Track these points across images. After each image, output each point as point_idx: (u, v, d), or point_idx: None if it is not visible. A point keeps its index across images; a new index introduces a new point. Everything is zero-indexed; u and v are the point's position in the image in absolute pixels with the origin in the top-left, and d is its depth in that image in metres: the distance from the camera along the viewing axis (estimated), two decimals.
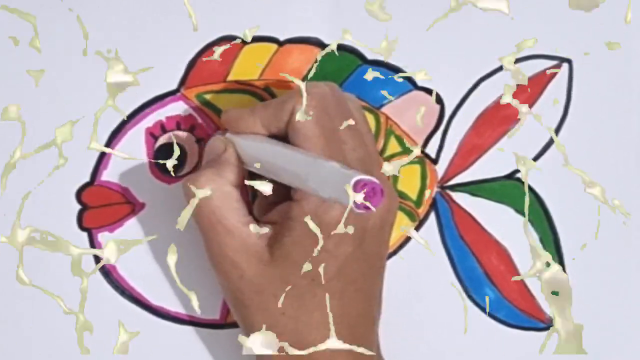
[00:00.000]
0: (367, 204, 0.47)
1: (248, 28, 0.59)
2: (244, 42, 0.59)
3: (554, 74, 0.61)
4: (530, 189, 0.61)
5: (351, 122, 0.54)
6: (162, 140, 0.58)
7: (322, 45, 0.59)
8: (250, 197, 0.59)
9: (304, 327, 0.52)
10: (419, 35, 0.60)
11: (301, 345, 0.52)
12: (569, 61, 0.61)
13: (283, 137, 0.54)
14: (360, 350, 0.53)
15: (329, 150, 0.53)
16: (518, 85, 0.60)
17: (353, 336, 0.53)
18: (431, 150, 0.60)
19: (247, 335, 0.54)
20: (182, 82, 0.59)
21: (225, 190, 0.54)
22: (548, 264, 0.61)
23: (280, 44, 0.59)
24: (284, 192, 0.54)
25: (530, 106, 0.61)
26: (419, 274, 0.60)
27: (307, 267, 0.52)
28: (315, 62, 0.59)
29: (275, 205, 0.55)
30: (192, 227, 0.56)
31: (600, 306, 0.61)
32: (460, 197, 0.61)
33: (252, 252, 0.53)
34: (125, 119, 0.58)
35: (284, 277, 0.53)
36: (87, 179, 0.58)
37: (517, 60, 0.61)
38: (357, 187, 0.47)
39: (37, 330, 0.58)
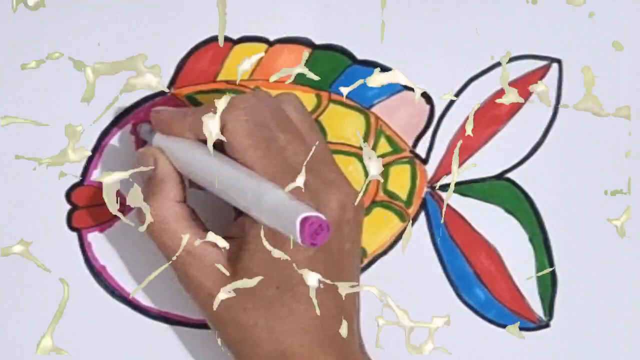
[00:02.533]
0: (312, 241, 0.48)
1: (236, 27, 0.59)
2: (234, 42, 0.59)
3: (544, 74, 0.61)
4: (520, 189, 0.61)
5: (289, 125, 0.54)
6: None
7: (312, 45, 0.59)
8: None
9: (279, 336, 0.52)
10: (409, 35, 0.60)
11: (279, 353, 0.53)
12: (558, 61, 0.61)
13: (216, 144, 0.54)
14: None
15: (268, 161, 0.52)
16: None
17: (329, 337, 0.53)
18: (421, 150, 0.61)
19: (228, 348, 0.54)
20: (172, 82, 0.58)
21: (173, 211, 0.54)
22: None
23: (270, 44, 0.59)
24: None
25: (520, 106, 0.61)
26: (408, 274, 0.60)
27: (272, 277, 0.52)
28: (306, 62, 0.59)
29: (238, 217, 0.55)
30: None
31: (592, 305, 0.61)
32: (450, 197, 0.61)
33: (215, 269, 0.53)
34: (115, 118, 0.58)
35: (249, 290, 0.53)
36: (77, 178, 0.58)
37: (508, 60, 0.61)
38: (303, 224, 0.47)
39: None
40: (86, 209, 0.58)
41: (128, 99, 0.58)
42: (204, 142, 0.53)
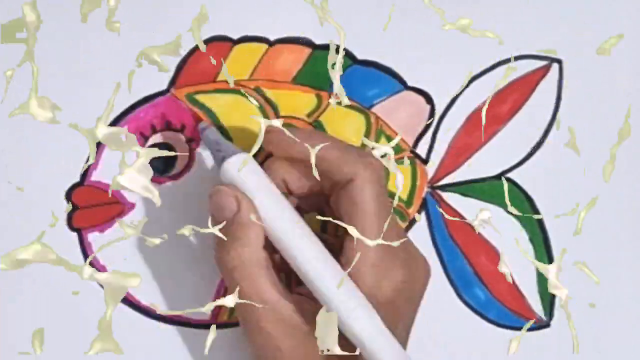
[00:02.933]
0: None
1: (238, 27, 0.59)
2: (234, 42, 0.59)
3: (544, 74, 0.61)
4: (520, 188, 0.61)
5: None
6: (152, 140, 0.58)
7: (312, 45, 0.59)
8: None
9: None
10: (409, 35, 0.60)
11: None
12: (559, 61, 0.61)
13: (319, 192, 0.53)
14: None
15: (382, 229, 0.52)
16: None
17: None
18: (421, 150, 0.61)
19: None
20: (172, 82, 0.58)
21: (255, 258, 0.52)
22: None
23: (270, 44, 0.59)
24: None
25: (520, 106, 0.61)
26: None
27: None
28: (306, 62, 0.59)
29: None
30: (181, 225, 0.56)
31: (592, 305, 0.61)
32: (450, 197, 0.61)
33: (288, 324, 0.52)
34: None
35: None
36: (77, 179, 0.58)
37: (507, 61, 0.61)
38: None
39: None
40: (86, 209, 0.58)
41: (128, 99, 0.58)
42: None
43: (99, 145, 0.58)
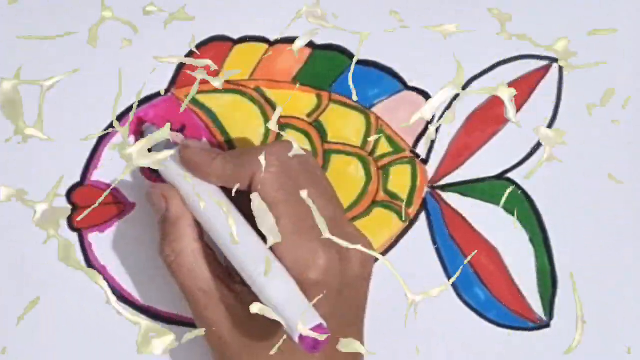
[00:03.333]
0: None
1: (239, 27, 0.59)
2: (235, 42, 0.59)
3: (544, 74, 0.61)
4: (520, 188, 0.61)
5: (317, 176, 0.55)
6: None
7: (312, 45, 0.59)
8: None
9: None
10: (410, 35, 0.60)
11: None
12: (559, 61, 0.61)
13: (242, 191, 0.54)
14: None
15: (297, 216, 0.52)
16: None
17: None
18: (422, 150, 0.61)
19: None
20: (173, 82, 0.58)
21: (190, 250, 0.54)
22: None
23: (270, 44, 0.59)
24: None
25: (521, 106, 0.61)
26: (409, 274, 0.60)
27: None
28: (306, 62, 0.60)
29: None
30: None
31: (592, 305, 0.61)
32: (450, 197, 0.61)
33: (228, 311, 0.53)
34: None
35: (262, 337, 0.53)
36: (77, 179, 0.58)
37: (507, 61, 0.61)
38: (303, 337, 0.49)
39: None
40: (86, 209, 0.58)
41: (127, 99, 0.58)
42: (226, 191, 0.54)
43: (99, 145, 0.58)
